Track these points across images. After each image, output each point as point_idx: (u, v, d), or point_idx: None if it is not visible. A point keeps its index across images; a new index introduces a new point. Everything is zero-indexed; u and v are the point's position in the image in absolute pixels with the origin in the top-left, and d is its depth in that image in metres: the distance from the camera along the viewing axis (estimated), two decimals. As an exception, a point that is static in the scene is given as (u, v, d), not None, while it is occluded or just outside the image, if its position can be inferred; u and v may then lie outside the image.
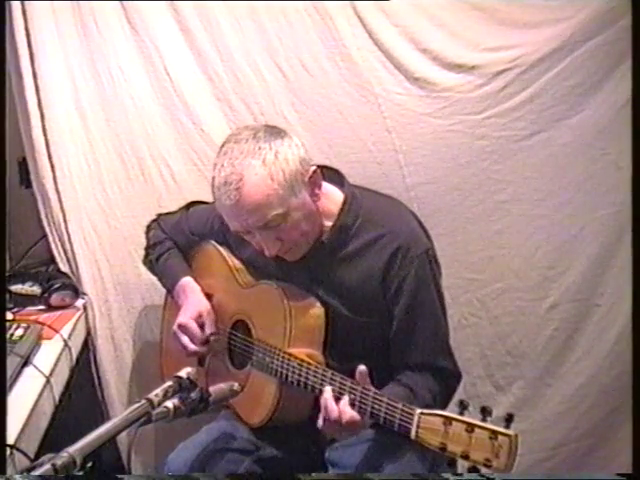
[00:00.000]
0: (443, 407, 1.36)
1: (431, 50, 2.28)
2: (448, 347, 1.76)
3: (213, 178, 1.64)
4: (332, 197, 1.75)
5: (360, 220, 1.73)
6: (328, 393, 1.54)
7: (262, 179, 1.59)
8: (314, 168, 1.68)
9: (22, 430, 1.50)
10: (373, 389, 1.50)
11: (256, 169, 1.60)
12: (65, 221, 2.26)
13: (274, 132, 1.66)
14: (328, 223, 1.74)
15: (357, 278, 1.72)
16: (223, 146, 1.66)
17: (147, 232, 2.09)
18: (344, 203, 1.74)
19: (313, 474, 1.73)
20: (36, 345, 1.89)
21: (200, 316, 1.86)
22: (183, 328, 1.86)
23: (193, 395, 1.34)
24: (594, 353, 2.39)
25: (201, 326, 1.86)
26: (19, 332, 1.90)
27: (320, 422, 1.55)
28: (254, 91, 2.29)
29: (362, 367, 1.53)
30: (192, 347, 1.84)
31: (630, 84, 2.16)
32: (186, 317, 1.86)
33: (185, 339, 1.85)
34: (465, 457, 1.26)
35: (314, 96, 2.30)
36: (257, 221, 1.63)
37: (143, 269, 2.15)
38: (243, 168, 1.60)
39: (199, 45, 2.27)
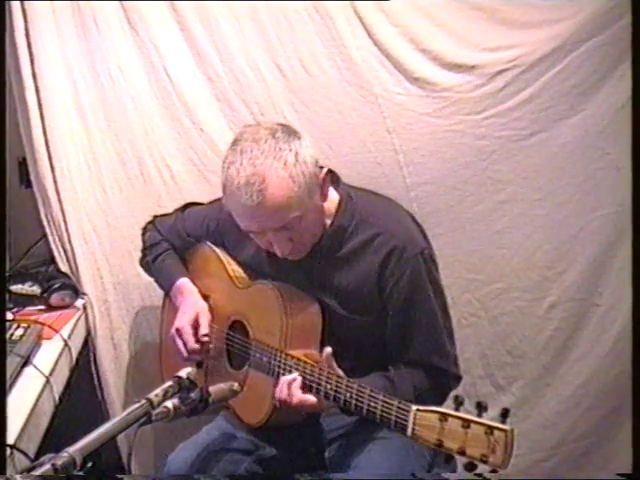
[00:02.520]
0: (435, 405, 1.36)
1: (431, 50, 2.28)
2: (445, 347, 1.75)
3: (229, 177, 1.61)
4: (329, 198, 1.74)
5: (355, 221, 1.73)
6: (285, 378, 1.61)
7: (284, 181, 1.59)
8: (326, 169, 1.68)
9: (22, 430, 1.50)
10: (369, 387, 1.50)
11: (278, 171, 1.58)
12: (65, 221, 2.26)
13: (290, 132, 1.65)
14: (326, 223, 1.74)
15: (353, 278, 1.73)
16: (237, 144, 1.63)
17: (143, 234, 2.09)
18: (339, 204, 1.74)
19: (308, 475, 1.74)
20: (36, 345, 1.89)
21: (197, 319, 1.86)
22: (179, 332, 1.86)
23: (193, 395, 1.34)
24: (594, 353, 2.39)
25: (197, 330, 1.86)
26: (19, 332, 1.90)
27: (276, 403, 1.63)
28: (254, 91, 2.29)
29: (328, 349, 1.57)
30: (185, 354, 1.85)
31: (630, 84, 2.17)
32: (183, 321, 1.86)
33: (180, 344, 1.86)
34: (461, 453, 1.26)
35: (314, 96, 2.30)
36: (276, 223, 1.62)
37: (142, 270, 2.14)
38: (265, 169, 1.58)
39: (199, 45, 2.27)
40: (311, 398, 1.58)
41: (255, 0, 2.25)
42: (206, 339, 1.84)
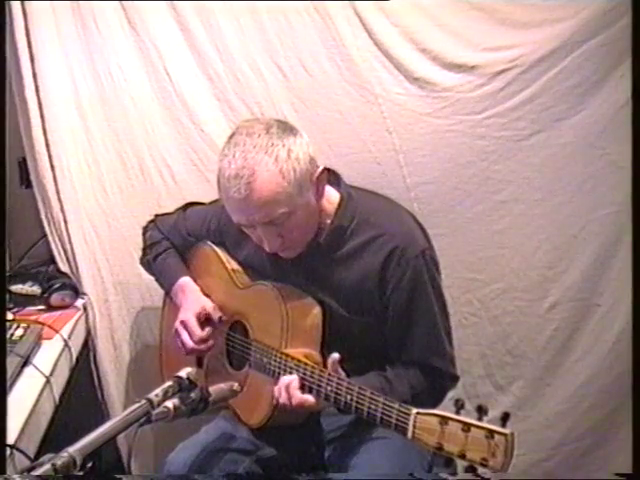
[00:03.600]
0: (432, 406, 1.37)
1: (431, 50, 2.28)
2: (444, 348, 1.75)
3: (221, 169, 1.63)
4: (329, 197, 1.74)
5: (356, 220, 1.73)
6: (286, 379, 1.61)
7: (273, 176, 1.59)
8: (322, 168, 1.68)
9: (22, 430, 1.50)
10: (370, 390, 1.50)
11: (268, 165, 1.59)
12: (65, 221, 2.26)
13: (286, 128, 1.65)
14: (326, 222, 1.74)
15: (354, 278, 1.72)
16: (233, 137, 1.65)
17: (144, 233, 2.10)
18: (340, 203, 1.74)
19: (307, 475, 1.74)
20: (36, 345, 1.89)
21: (203, 311, 1.87)
22: (184, 325, 1.86)
23: (193, 395, 1.34)
24: (594, 353, 2.39)
25: (203, 323, 1.86)
26: (19, 332, 1.90)
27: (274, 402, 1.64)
28: (254, 91, 2.29)
29: (335, 355, 1.56)
30: (190, 344, 1.84)
31: (630, 84, 2.16)
32: (188, 314, 1.87)
33: (185, 336, 1.85)
34: (462, 457, 1.26)
35: (314, 96, 2.30)
36: (263, 217, 1.62)
37: (143, 269, 2.15)
38: (255, 163, 1.59)
39: (199, 45, 2.27)
40: (310, 398, 1.58)
41: (255, 0, 2.25)
42: (225, 318, 1.85)
